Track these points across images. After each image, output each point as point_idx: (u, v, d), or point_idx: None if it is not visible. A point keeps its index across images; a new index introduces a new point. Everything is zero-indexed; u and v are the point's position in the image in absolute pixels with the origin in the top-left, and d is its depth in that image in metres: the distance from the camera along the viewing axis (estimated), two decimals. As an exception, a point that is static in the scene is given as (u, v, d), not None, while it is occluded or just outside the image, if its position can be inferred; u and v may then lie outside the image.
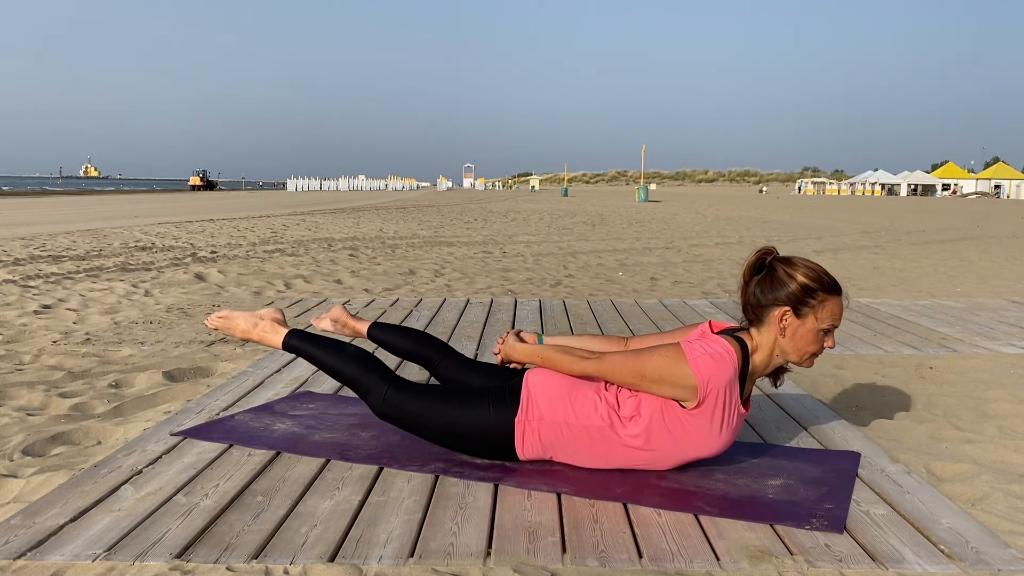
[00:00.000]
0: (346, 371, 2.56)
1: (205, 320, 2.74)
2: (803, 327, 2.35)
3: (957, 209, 34.98)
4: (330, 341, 2.67)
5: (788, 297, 2.34)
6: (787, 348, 2.37)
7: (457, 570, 1.85)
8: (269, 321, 2.72)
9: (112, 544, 1.94)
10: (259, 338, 2.70)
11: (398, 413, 2.52)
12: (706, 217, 22.50)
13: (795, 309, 2.34)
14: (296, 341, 2.65)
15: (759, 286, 2.39)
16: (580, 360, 2.38)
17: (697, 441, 2.34)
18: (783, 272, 2.35)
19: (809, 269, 2.35)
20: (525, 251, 10.91)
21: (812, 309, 2.34)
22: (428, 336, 2.94)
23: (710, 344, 2.31)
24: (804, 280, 2.34)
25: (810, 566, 1.88)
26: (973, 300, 6.62)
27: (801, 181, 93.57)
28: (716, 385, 2.26)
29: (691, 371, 2.25)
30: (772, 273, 2.37)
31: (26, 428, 2.96)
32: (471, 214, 22.70)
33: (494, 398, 2.47)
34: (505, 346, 2.54)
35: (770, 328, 2.37)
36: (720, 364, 2.27)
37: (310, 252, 10.10)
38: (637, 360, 2.31)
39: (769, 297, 2.36)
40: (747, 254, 2.54)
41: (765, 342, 2.38)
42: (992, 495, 2.39)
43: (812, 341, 2.37)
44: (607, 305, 6.01)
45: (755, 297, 2.39)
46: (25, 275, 7.29)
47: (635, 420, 2.35)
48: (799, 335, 2.35)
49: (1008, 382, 3.76)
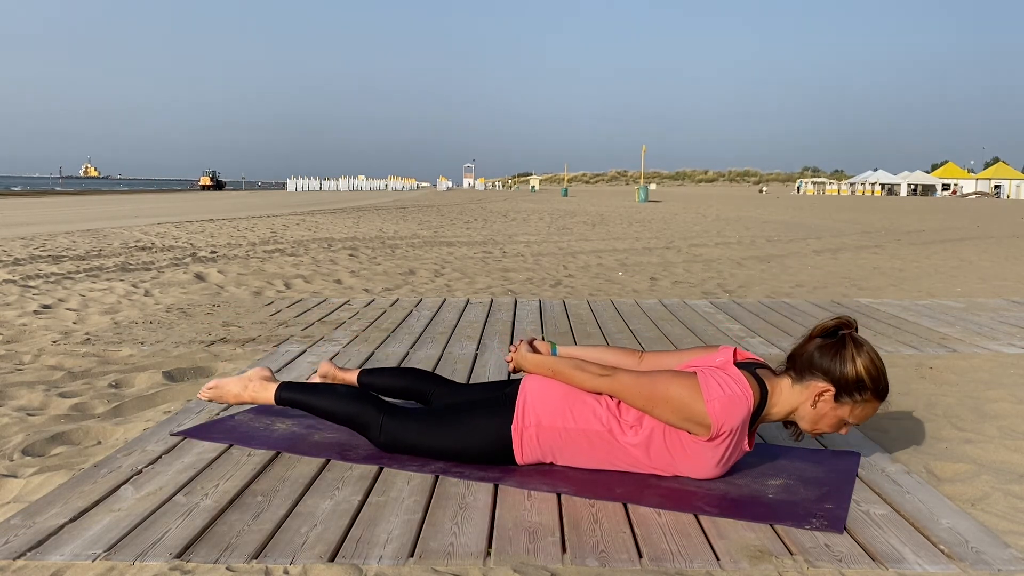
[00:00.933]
0: (340, 411, 2.60)
1: (198, 395, 2.86)
2: (833, 411, 2.31)
3: (957, 209, 34.99)
4: (319, 386, 2.72)
5: (839, 379, 2.28)
6: (807, 417, 2.34)
7: (457, 570, 1.85)
8: (258, 380, 2.77)
9: (112, 544, 1.94)
10: (251, 399, 2.76)
11: (398, 441, 2.54)
12: (706, 217, 22.50)
13: (838, 393, 2.29)
14: (287, 393, 2.70)
15: (820, 350, 2.32)
16: (592, 377, 2.36)
17: (694, 466, 2.34)
18: (850, 353, 2.28)
19: (873, 366, 2.28)
20: (525, 251, 10.91)
21: (852, 402, 2.30)
22: (416, 370, 3.00)
23: (729, 383, 2.26)
24: (863, 373, 2.27)
25: (810, 566, 1.89)
26: (973, 300, 6.62)
27: (801, 181, 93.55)
28: (729, 428, 2.25)
29: (706, 411, 2.23)
30: (840, 346, 2.30)
31: (26, 428, 2.96)
32: (471, 214, 22.70)
33: (489, 409, 2.48)
34: (517, 355, 2.53)
35: (804, 391, 2.32)
36: (736, 408, 2.24)
37: (310, 252, 10.10)
38: (651, 385, 2.28)
39: (823, 365, 2.30)
40: (748, 254, 2.53)
41: (790, 399, 2.34)
42: (992, 495, 2.39)
43: (832, 426, 2.34)
44: (607, 305, 6.01)
45: (810, 356, 2.33)
46: (25, 275, 7.29)
47: (636, 429, 2.35)
48: (826, 414, 2.32)
49: (1008, 382, 3.76)
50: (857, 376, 2.27)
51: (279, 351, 4.20)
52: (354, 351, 4.23)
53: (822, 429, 2.36)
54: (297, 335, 4.66)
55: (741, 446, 2.31)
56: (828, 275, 8.53)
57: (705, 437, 2.27)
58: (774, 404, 2.34)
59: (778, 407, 2.35)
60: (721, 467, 2.34)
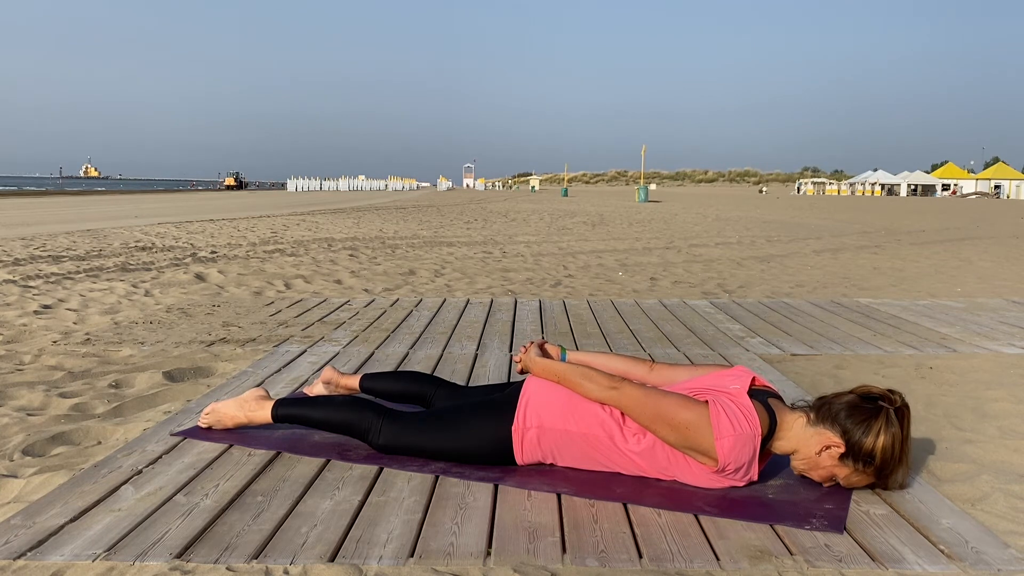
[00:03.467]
0: (338, 419, 2.60)
1: (197, 423, 2.84)
2: (832, 467, 2.30)
3: (957, 209, 34.98)
4: (315, 399, 2.72)
5: (854, 444, 2.25)
6: (806, 460, 2.32)
7: (457, 570, 1.85)
8: (253, 400, 2.77)
9: (112, 544, 1.94)
10: (248, 419, 2.75)
11: (397, 443, 2.54)
12: (706, 217, 22.50)
13: (846, 454, 2.27)
14: (284, 409, 2.71)
15: (851, 408, 2.28)
16: (599, 388, 2.35)
17: (696, 481, 2.34)
18: (880, 425, 2.24)
19: (892, 448, 2.24)
20: (525, 251, 10.90)
21: (855, 469, 2.28)
22: (418, 373, 3.00)
23: (739, 421, 2.23)
24: (879, 450, 2.24)
25: (810, 566, 1.89)
26: (973, 300, 6.62)
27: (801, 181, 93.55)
28: (736, 466, 2.25)
29: (714, 445, 2.22)
30: (872, 415, 2.25)
31: (26, 428, 2.96)
32: (471, 214, 22.70)
33: (489, 410, 2.48)
34: (526, 357, 2.53)
35: (815, 438, 2.29)
36: (746, 445, 2.23)
37: (310, 252, 10.10)
38: (657, 406, 2.27)
39: (846, 424, 2.26)
40: (748, 254, 2.53)
41: (799, 439, 2.31)
42: (992, 495, 2.39)
43: (823, 477, 2.34)
44: (607, 305, 6.01)
45: (839, 409, 2.29)
46: (25, 275, 7.29)
47: (639, 438, 2.34)
48: (826, 466, 2.31)
49: (1008, 382, 3.76)
50: (872, 450, 2.24)
51: (279, 351, 4.20)
52: (354, 351, 4.23)
53: (816, 474, 2.34)
54: (297, 335, 4.66)
55: (750, 476, 2.30)
56: (828, 275, 8.53)
57: (712, 468, 2.27)
58: (781, 438, 2.32)
59: (784, 442, 2.32)
60: (721, 489, 2.33)
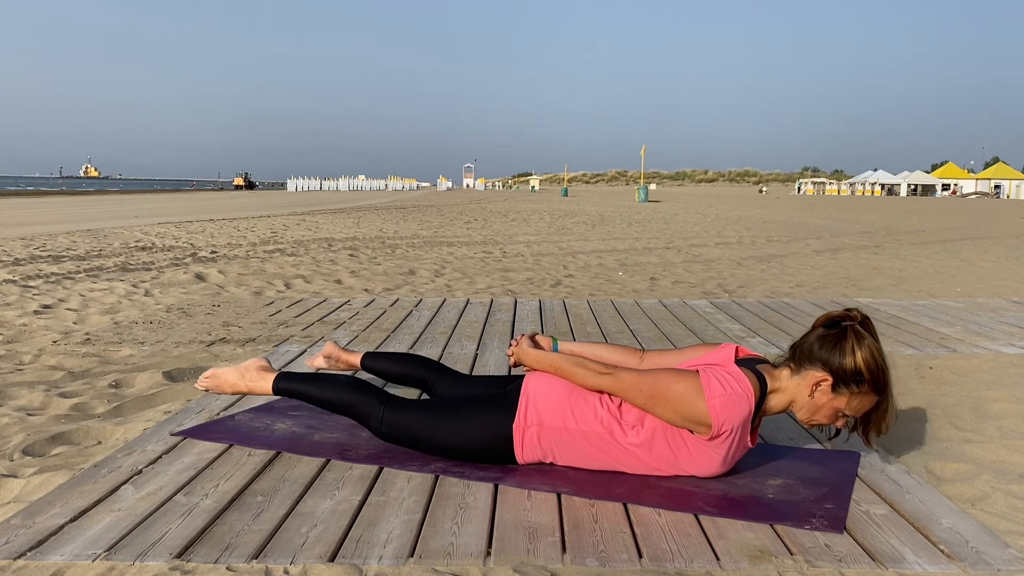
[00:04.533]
0: (340, 400, 2.58)
1: (195, 384, 2.81)
2: (831, 402, 2.30)
3: (957, 209, 34.98)
4: (319, 376, 2.70)
5: (837, 370, 2.28)
6: (804, 407, 2.34)
7: (457, 570, 1.85)
8: (255, 370, 2.74)
9: (112, 544, 1.94)
10: (248, 388, 2.73)
11: (398, 431, 2.53)
12: (706, 217, 22.50)
13: (835, 384, 2.29)
14: (286, 383, 2.68)
15: (821, 340, 2.32)
16: (593, 375, 2.36)
17: (697, 464, 2.34)
18: (850, 344, 2.27)
19: (872, 358, 2.27)
20: (525, 251, 10.90)
21: (850, 393, 2.29)
22: (421, 357, 2.98)
23: (730, 381, 2.26)
24: (862, 366, 2.26)
25: (810, 566, 1.89)
26: (973, 300, 6.62)
27: (801, 181, 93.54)
28: (730, 426, 2.25)
29: (707, 410, 2.23)
30: (841, 337, 2.29)
31: (26, 428, 2.96)
32: (471, 214, 22.70)
33: (491, 406, 2.48)
34: (519, 349, 2.53)
35: (802, 382, 2.32)
36: (737, 405, 2.24)
37: (310, 252, 10.10)
38: (652, 384, 2.28)
39: (822, 355, 2.30)
40: (748, 254, 2.53)
41: (789, 389, 2.34)
42: (992, 495, 2.39)
43: (829, 417, 2.33)
44: (607, 305, 6.01)
45: (810, 346, 2.33)
46: (25, 275, 7.29)
47: (637, 430, 2.34)
48: (822, 405, 2.31)
49: (1008, 382, 3.76)
50: (855, 368, 2.26)
51: (279, 351, 4.20)
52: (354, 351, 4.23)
53: (818, 420, 2.35)
54: (297, 335, 4.66)
55: (744, 443, 2.31)
56: (828, 275, 8.53)
57: (706, 436, 2.27)
58: (773, 396, 2.35)
59: (776, 398, 2.35)
60: (726, 464, 2.34)
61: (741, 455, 2.37)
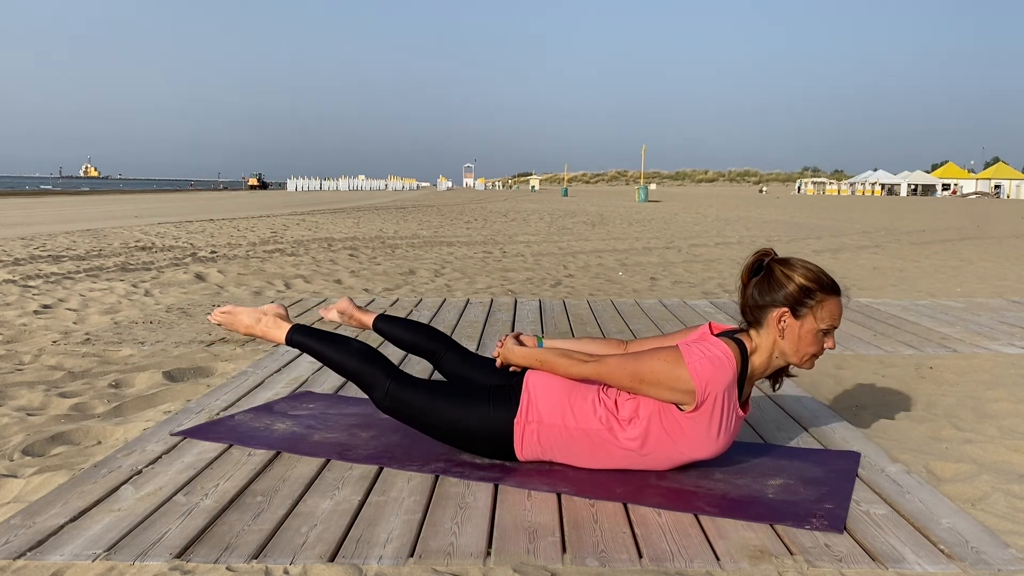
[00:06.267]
0: (349, 366, 2.56)
1: (208, 316, 2.74)
2: (802, 328, 2.33)
3: (957, 209, 34.98)
4: (334, 336, 2.66)
5: (786, 298, 2.33)
6: (786, 349, 2.36)
7: (457, 570, 1.85)
8: (272, 317, 2.71)
9: (112, 544, 1.94)
10: (262, 333, 2.69)
11: (401, 407, 2.52)
12: (706, 217, 22.50)
13: (793, 310, 2.33)
14: (300, 336, 2.65)
15: (757, 288, 2.38)
16: (578, 364, 2.37)
17: (695, 444, 2.34)
18: (781, 273, 2.35)
19: (807, 270, 2.34)
20: (525, 251, 10.90)
21: (810, 310, 2.33)
22: (433, 329, 2.96)
23: (708, 347, 2.29)
24: (802, 281, 2.32)
25: (810, 566, 1.88)
26: (973, 300, 6.62)
27: (801, 181, 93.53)
28: (715, 389, 2.25)
29: (689, 375, 2.24)
30: (770, 274, 2.36)
31: (26, 428, 2.96)
32: (471, 214, 22.70)
33: (495, 397, 2.47)
34: (504, 349, 2.53)
35: (769, 330, 2.36)
36: (719, 368, 2.26)
37: (310, 252, 10.10)
38: (635, 363, 2.30)
39: (767, 298, 2.35)
40: (748, 254, 2.54)
41: (764, 344, 2.37)
42: (992, 495, 2.39)
43: (811, 342, 2.36)
44: (607, 305, 6.01)
45: (753, 299, 2.38)
46: (25, 275, 7.29)
47: (633, 423, 2.35)
48: (798, 336, 2.34)
49: (1008, 382, 3.76)
50: (799, 286, 2.32)
51: (279, 351, 4.20)
52: (354, 351, 4.23)
53: (806, 351, 2.36)
54: (297, 335, 4.65)
55: (736, 411, 2.32)
56: (828, 275, 8.53)
57: (692, 406, 2.27)
58: (754, 356, 2.37)
59: (758, 357, 2.37)
60: (722, 438, 2.33)
61: (737, 427, 2.36)
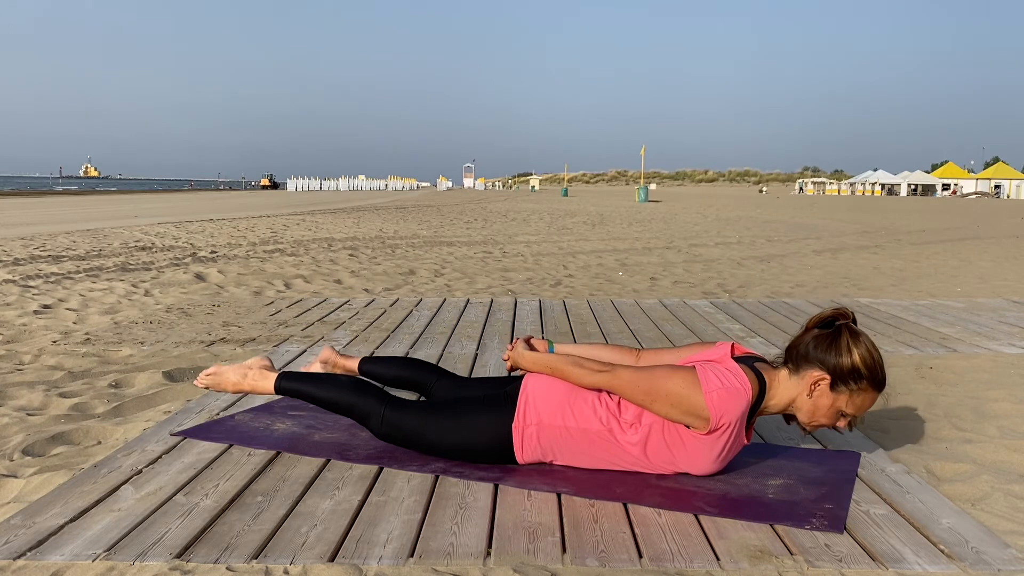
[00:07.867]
0: (342, 401, 2.58)
1: (195, 382, 2.80)
2: (830, 401, 2.31)
3: (957, 209, 34.98)
4: (321, 376, 2.70)
5: (835, 368, 2.28)
6: (804, 408, 2.34)
7: (457, 570, 1.85)
8: (258, 369, 2.74)
9: (112, 544, 1.94)
10: (251, 388, 2.72)
11: (398, 432, 2.53)
12: (706, 217, 22.50)
13: (834, 382, 2.29)
14: (288, 383, 2.68)
15: (816, 340, 2.33)
16: (590, 373, 2.36)
17: (692, 461, 2.34)
18: (845, 343, 2.29)
19: (869, 355, 2.29)
20: (525, 251, 10.90)
21: (849, 391, 2.29)
22: (419, 361, 2.98)
23: (727, 376, 2.26)
24: (859, 362, 2.27)
25: (810, 566, 1.88)
26: (973, 300, 6.62)
27: (801, 181, 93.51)
28: (728, 420, 2.25)
29: (705, 403, 2.23)
30: (836, 336, 2.31)
31: (26, 428, 2.96)
32: (471, 214, 22.69)
33: (490, 406, 2.48)
34: (515, 353, 2.53)
35: (801, 382, 2.33)
36: (736, 400, 2.24)
37: (310, 252, 10.10)
38: (650, 380, 2.28)
39: (818, 355, 2.31)
40: (748, 254, 2.53)
41: (788, 391, 2.34)
42: (992, 495, 2.39)
43: (830, 416, 2.34)
44: (607, 305, 6.01)
45: (806, 347, 2.34)
46: (25, 275, 7.29)
47: (635, 427, 2.35)
48: (822, 405, 2.32)
49: (1008, 382, 3.76)
50: (853, 366, 2.27)
51: (279, 351, 4.21)
52: (354, 351, 4.23)
53: (819, 421, 2.35)
54: (297, 335, 4.66)
55: (740, 440, 2.32)
56: (828, 275, 8.53)
57: (704, 431, 2.27)
58: (772, 396, 2.35)
59: (776, 399, 2.35)
60: (720, 462, 2.34)
61: (736, 452, 2.37)
